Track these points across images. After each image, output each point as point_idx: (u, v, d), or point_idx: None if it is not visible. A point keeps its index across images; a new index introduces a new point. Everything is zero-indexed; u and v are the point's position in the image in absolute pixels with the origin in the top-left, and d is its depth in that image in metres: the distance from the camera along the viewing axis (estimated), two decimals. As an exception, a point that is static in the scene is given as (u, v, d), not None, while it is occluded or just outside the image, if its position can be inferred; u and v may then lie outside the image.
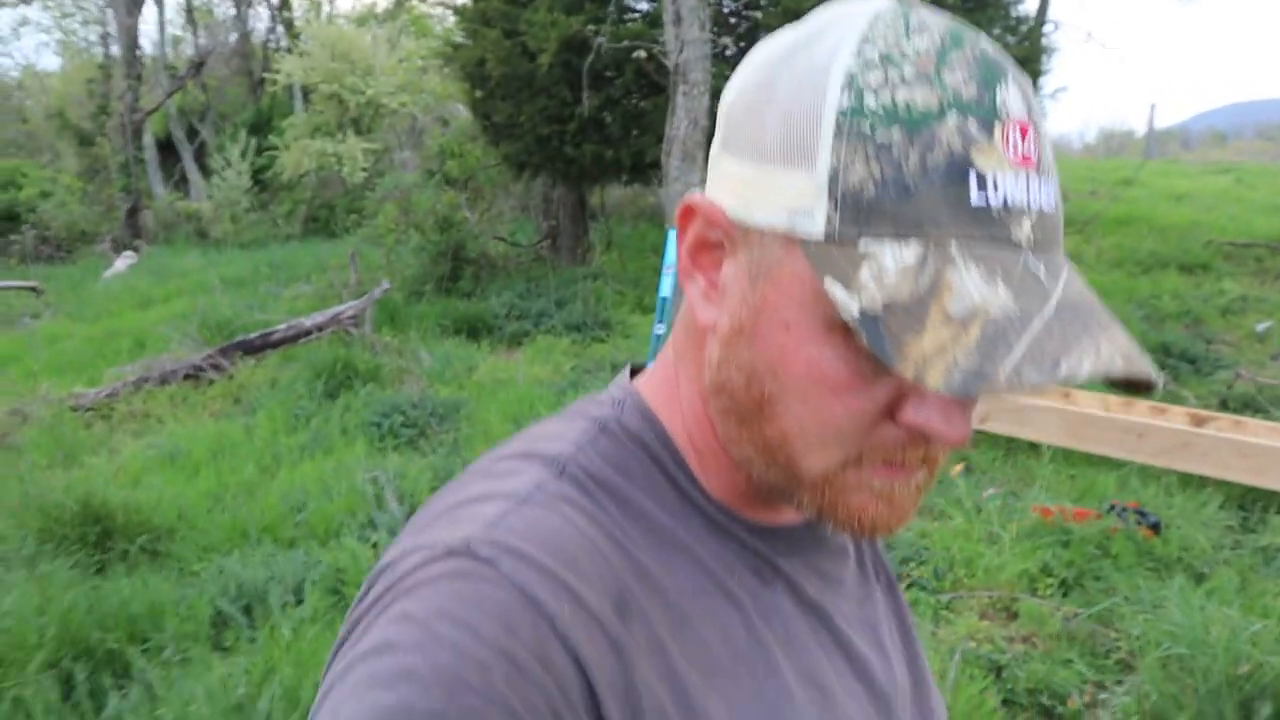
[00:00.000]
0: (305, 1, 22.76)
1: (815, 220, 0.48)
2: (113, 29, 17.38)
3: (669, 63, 6.19)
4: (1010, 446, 4.91)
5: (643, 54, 6.49)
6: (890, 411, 0.51)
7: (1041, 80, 8.33)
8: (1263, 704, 2.36)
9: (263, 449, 5.14)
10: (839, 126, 0.47)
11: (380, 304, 8.07)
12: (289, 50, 18.23)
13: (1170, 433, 4.31)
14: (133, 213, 15.08)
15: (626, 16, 7.93)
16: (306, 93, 17.41)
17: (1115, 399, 4.96)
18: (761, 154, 0.51)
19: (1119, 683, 2.85)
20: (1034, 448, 4.77)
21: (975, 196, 0.46)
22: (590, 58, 6.81)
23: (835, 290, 0.47)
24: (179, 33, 22.42)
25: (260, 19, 22.47)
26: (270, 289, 10.21)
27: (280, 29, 21.27)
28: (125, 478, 4.70)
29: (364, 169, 15.52)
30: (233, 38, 22.04)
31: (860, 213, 0.47)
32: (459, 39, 9.25)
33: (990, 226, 0.46)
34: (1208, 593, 3.24)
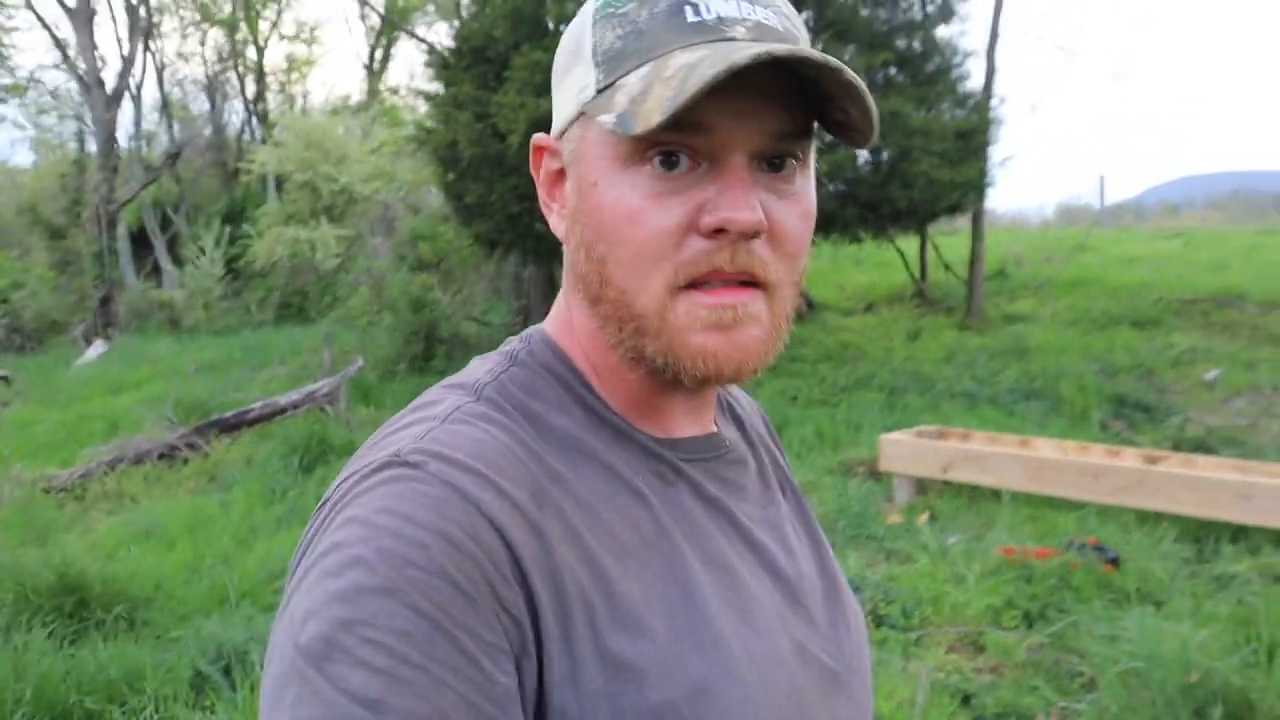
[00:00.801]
0: (280, 95, 23.34)
1: (590, 88, 0.60)
2: (89, 123, 17.69)
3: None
4: (973, 495, 5.04)
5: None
6: (692, 226, 0.58)
7: (990, 150, 8.73)
8: (1214, 707, 2.46)
9: (239, 522, 5.15)
10: (595, 20, 0.61)
11: (354, 382, 8.15)
12: (263, 141, 18.61)
13: (1125, 472, 4.47)
14: (105, 302, 15.14)
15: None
16: (280, 182, 17.72)
17: (1072, 444, 5.13)
18: (559, 76, 0.64)
19: (1082, 702, 2.94)
20: (995, 494, 4.91)
21: (690, 17, 0.58)
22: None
23: (605, 119, 0.58)
24: (153, 128, 22.81)
25: (235, 112, 22.92)
26: (244, 373, 10.27)
27: (255, 121, 21.72)
28: (100, 552, 4.70)
29: (336, 255, 15.74)
30: (207, 131, 22.45)
31: (613, 62, 0.59)
32: (431, 124, 9.57)
33: (707, 34, 0.57)
34: (1164, 617, 3.35)
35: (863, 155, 8.36)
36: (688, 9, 0.58)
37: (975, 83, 9.38)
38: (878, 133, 0.60)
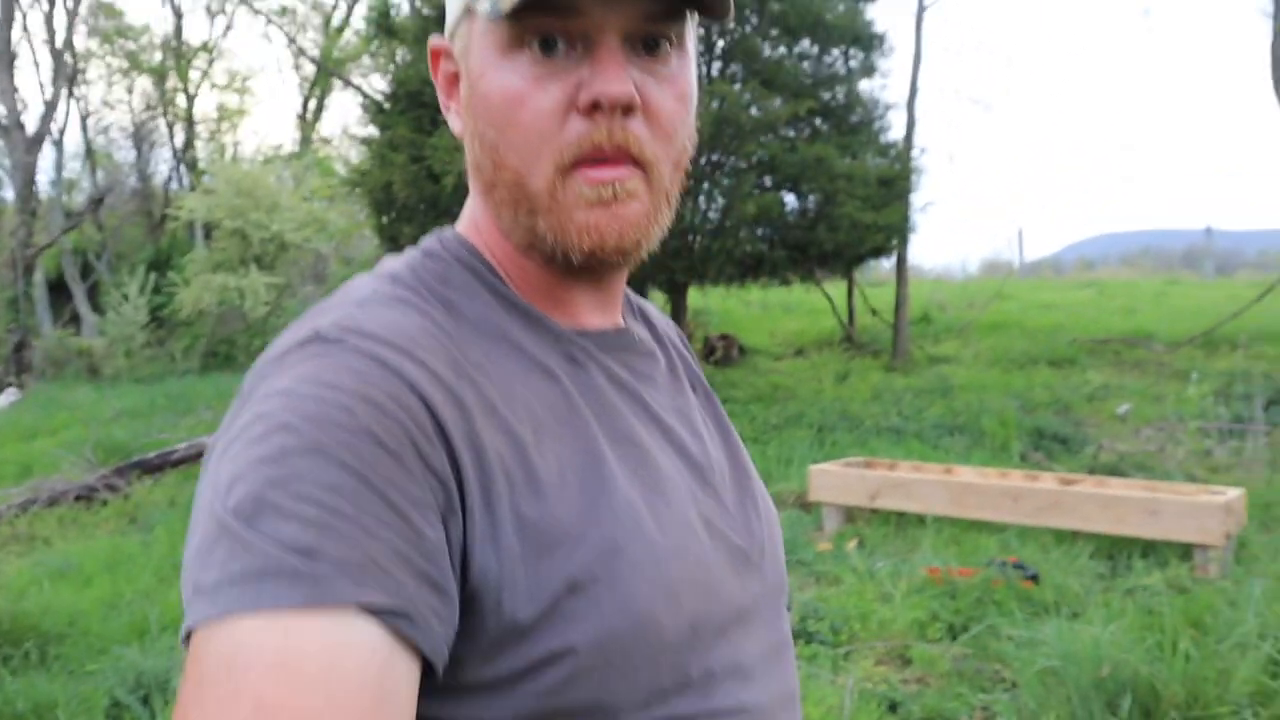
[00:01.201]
0: (209, 144, 23.08)
1: None
2: (7, 167, 17.24)
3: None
4: (899, 522, 5.17)
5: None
6: (571, 105, 0.61)
7: (911, 196, 9.08)
8: (1124, 698, 2.57)
9: (161, 560, 4.99)
10: None
11: (284, 423, 8.00)
12: (191, 189, 18.34)
13: (1042, 493, 4.64)
14: (19, 348, 14.61)
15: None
16: (209, 230, 17.45)
17: (993, 470, 5.30)
18: None
19: (1002, 700, 3.03)
20: (921, 520, 5.04)
21: None
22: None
23: (481, 6, 0.61)
24: (75, 176, 22.32)
25: (163, 160, 22.57)
26: (168, 418, 9.98)
27: (183, 170, 21.41)
28: (9, 591, 4.51)
29: (266, 303, 15.50)
30: (132, 180, 22.05)
31: None
32: (367, 167, 9.59)
33: None
34: (1081, 624, 3.47)
35: (790, 201, 8.63)
36: None
37: (897, 133, 9.79)
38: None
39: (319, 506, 0.50)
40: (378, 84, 16.08)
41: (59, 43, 17.86)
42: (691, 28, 0.66)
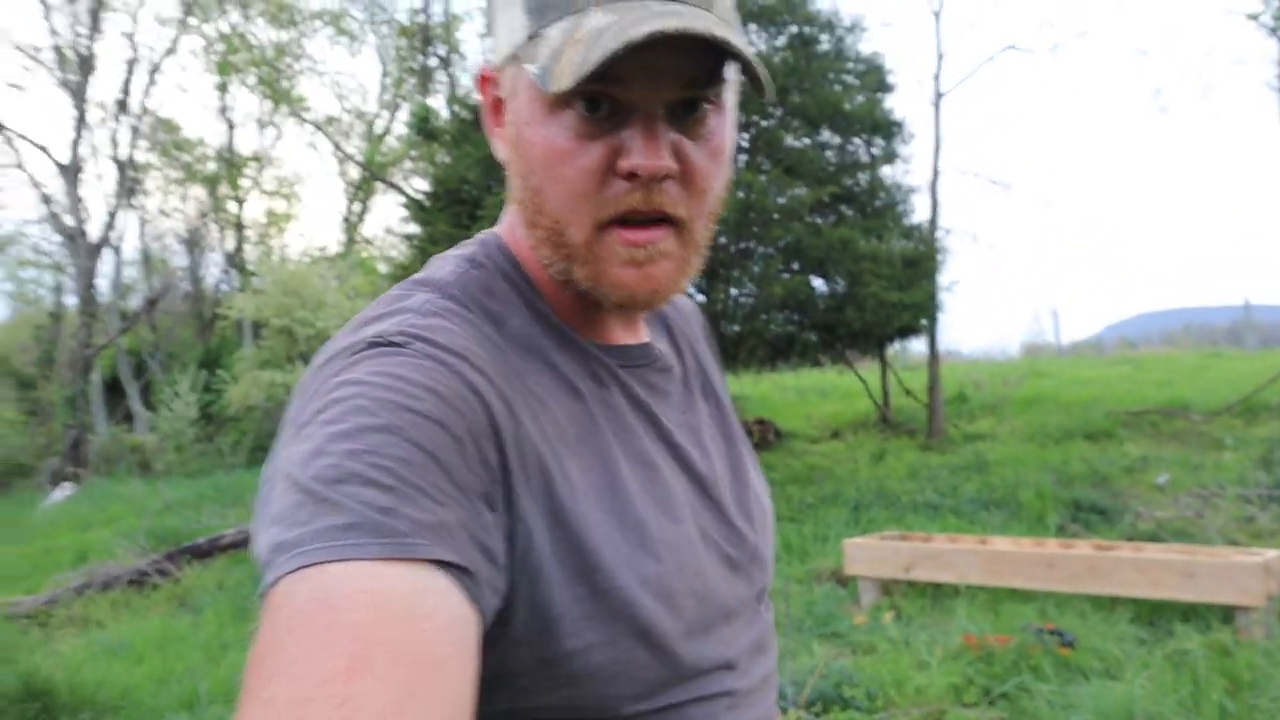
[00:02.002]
0: (258, 247, 24.00)
1: (519, 32, 0.67)
2: (71, 274, 18.08)
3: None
4: (935, 594, 5.15)
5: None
6: (611, 167, 0.65)
7: (937, 276, 9.22)
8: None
9: (210, 640, 5.13)
10: None
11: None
12: (240, 290, 19.05)
13: (1077, 559, 4.63)
14: (76, 445, 15.08)
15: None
16: (257, 329, 18.04)
17: (1028, 540, 5.29)
18: (496, 11, 0.71)
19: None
20: (956, 591, 5.02)
21: None
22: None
23: (530, 69, 0.65)
24: (131, 282, 23.25)
25: (214, 263, 23.48)
26: (216, 509, 10.21)
27: (233, 271, 22.24)
28: (66, 668, 4.64)
29: (312, 398, 15.86)
30: (184, 283, 22.94)
31: (538, 11, 0.65)
32: (408, 263, 9.99)
33: None
34: (1117, 685, 3.45)
35: (819, 285, 8.82)
36: None
37: (922, 215, 10.01)
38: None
39: (394, 476, 0.54)
40: (418, 185, 16.78)
41: (121, 156, 18.90)
42: (732, 85, 0.70)
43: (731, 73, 0.67)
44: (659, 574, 0.67)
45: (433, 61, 15.86)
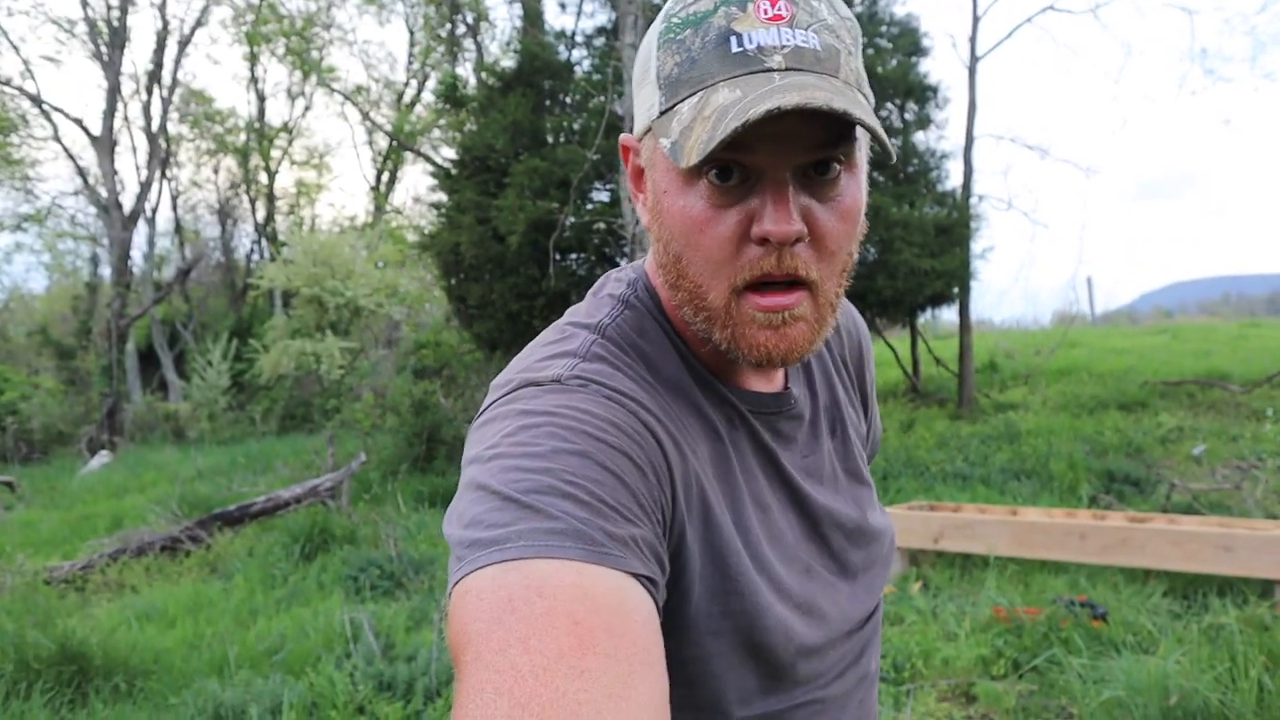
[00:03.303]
0: (289, 218, 24.14)
1: (655, 107, 0.71)
2: (106, 245, 18.30)
3: (626, 234, 6.79)
4: (964, 564, 5.10)
5: (602, 226, 7.10)
6: (745, 234, 0.68)
7: (970, 243, 9.06)
8: (1189, 724, 2.51)
9: (240, 605, 5.19)
10: (659, 44, 0.71)
11: (357, 479, 8.25)
12: (271, 260, 19.19)
13: (1110, 531, 4.55)
14: (112, 414, 15.33)
15: (588, 201, 8.69)
16: (287, 298, 18.18)
17: (1058, 510, 5.20)
18: (636, 87, 0.76)
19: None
20: (986, 562, 4.96)
21: (734, 48, 0.67)
22: (555, 234, 7.44)
23: (664, 142, 0.69)
24: (164, 252, 23.49)
25: (245, 234, 23.66)
26: (247, 476, 10.35)
27: (264, 242, 22.41)
28: (100, 632, 4.73)
29: (341, 367, 16.02)
30: (216, 254, 23.16)
31: (671, 88, 0.69)
32: (436, 230, 9.97)
33: (749, 64, 0.66)
34: (1151, 659, 3.39)
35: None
36: (733, 39, 0.67)
37: (956, 181, 9.82)
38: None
39: (589, 493, 0.60)
40: (447, 154, 16.74)
41: (154, 128, 19.01)
42: (863, 142, 0.72)
43: (861, 131, 0.69)
44: (772, 604, 0.75)
45: (460, 29, 15.73)
